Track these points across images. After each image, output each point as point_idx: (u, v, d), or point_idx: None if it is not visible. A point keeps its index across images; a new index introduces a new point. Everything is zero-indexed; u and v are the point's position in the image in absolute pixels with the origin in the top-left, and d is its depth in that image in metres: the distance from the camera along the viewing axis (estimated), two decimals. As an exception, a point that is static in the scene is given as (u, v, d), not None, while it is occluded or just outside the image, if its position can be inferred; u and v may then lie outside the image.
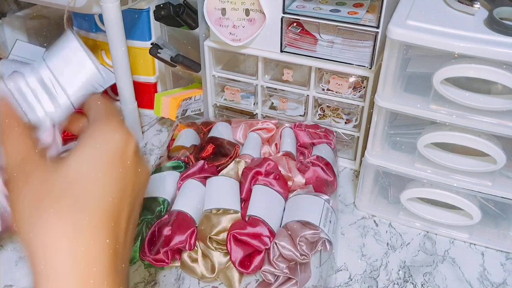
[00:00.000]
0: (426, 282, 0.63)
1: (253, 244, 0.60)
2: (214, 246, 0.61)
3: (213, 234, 0.61)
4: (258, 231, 0.61)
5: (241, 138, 0.79)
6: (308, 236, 0.60)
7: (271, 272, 0.59)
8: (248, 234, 0.60)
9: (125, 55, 0.77)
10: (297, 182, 0.70)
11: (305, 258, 0.59)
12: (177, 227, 0.62)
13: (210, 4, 0.71)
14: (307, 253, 0.59)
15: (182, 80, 0.92)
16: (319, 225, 0.61)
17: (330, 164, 0.72)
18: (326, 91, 0.75)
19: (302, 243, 0.60)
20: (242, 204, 0.66)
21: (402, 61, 0.59)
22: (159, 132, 0.92)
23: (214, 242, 0.61)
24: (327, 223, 0.62)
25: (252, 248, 0.60)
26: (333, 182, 0.72)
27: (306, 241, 0.60)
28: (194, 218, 0.64)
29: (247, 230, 0.60)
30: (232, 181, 0.68)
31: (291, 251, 0.59)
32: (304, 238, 0.60)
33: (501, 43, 0.53)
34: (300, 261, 0.59)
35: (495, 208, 0.65)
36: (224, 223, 0.62)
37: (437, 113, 0.59)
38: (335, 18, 0.67)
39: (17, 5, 1.04)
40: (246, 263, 0.60)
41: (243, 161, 0.71)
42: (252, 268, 0.60)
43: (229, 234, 0.60)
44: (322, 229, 0.61)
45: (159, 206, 0.66)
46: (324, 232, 0.61)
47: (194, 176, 0.70)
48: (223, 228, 0.62)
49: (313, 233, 0.60)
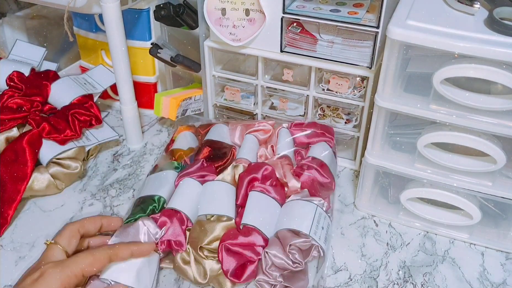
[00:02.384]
0: (426, 282, 0.63)
1: (245, 254, 0.60)
2: (206, 255, 0.61)
3: (205, 244, 0.61)
4: (251, 241, 0.60)
5: (238, 140, 0.78)
6: (299, 244, 0.60)
7: (266, 281, 0.58)
8: (240, 245, 0.60)
9: (125, 55, 0.77)
10: (292, 187, 0.69)
11: (298, 266, 0.59)
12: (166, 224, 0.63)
13: (210, 4, 0.71)
14: (300, 261, 0.59)
15: (182, 80, 0.92)
16: (310, 233, 0.60)
17: (326, 165, 0.71)
18: (326, 91, 0.75)
19: (293, 251, 0.59)
20: (238, 209, 0.66)
21: (402, 61, 0.59)
22: (159, 132, 0.92)
23: (206, 250, 0.61)
24: (318, 230, 0.61)
25: (244, 258, 0.60)
26: (330, 184, 0.71)
27: (298, 249, 0.60)
28: (189, 216, 0.64)
29: (239, 240, 0.60)
30: (228, 186, 0.68)
31: (282, 259, 0.58)
32: (295, 246, 0.60)
33: (501, 43, 0.53)
34: (293, 269, 0.59)
35: (495, 208, 0.65)
36: (216, 231, 0.62)
37: (437, 113, 0.59)
38: (335, 18, 0.67)
39: (17, 5, 1.04)
40: (238, 272, 0.60)
41: (241, 166, 0.70)
42: (244, 278, 0.59)
43: (221, 244, 0.60)
44: (313, 237, 0.60)
45: (153, 204, 0.66)
46: (315, 239, 0.60)
47: (192, 175, 0.70)
48: (215, 237, 0.61)
49: (303, 241, 0.60)
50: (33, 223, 0.71)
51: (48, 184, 0.74)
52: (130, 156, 0.86)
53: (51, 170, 0.75)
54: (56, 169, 0.75)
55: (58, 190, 0.76)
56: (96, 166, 0.83)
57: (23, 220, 0.72)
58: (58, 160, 0.76)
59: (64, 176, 0.76)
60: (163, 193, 0.68)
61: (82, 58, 0.98)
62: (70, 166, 0.77)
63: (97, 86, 0.87)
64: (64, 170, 0.76)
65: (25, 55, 0.93)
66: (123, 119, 0.85)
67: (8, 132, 0.76)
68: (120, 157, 0.85)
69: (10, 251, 0.67)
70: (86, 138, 0.81)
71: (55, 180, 0.75)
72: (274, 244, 0.60)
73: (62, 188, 0.77)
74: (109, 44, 0.76)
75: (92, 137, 0.82)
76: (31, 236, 0.69)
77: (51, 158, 0.75)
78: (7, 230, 0.70)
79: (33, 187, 0.73)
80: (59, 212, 0.73)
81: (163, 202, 0.67)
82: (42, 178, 0.74)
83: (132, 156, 0.86)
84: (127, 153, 0.86)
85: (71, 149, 0.77)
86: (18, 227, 0.71)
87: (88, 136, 0.82)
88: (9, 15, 1.03)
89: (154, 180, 0.71)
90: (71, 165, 0.77)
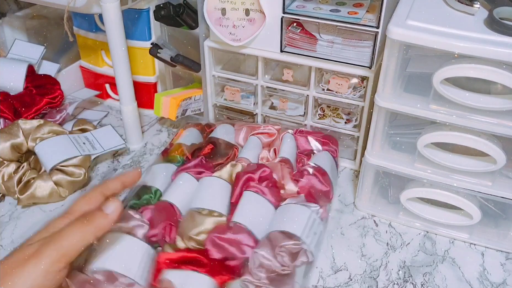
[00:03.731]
0: (426, 282, 0.63)
1: (229, 250, 0.59)
2: (192, 245, 0.61)
3: (194, 234, 0.60)
4: (239, 238, 0.60)
5: (242, 141, 0.79)
6: (288, 246, 0.59)
7: (251, 282, 0.57)
8: (227, 240, 0.59)
9: (125, 55, 0.77)
10: (289, 191, 0.68)
11: (285, 269, 0.58)
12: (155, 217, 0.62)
13: (210, 4, 0.71)
14: (288, 264, 0.58)
15: (182, 80, 0.92)
16: (302, 236, 0.59)
17: (326, 174, 0.70)
18: (326, 91, 0.75)
19: (283, 253, 0.58)
20: (232, 208, 0.65)
21: (402, 61, 0.59)
22: (159, 132, 0.92)
23: (193, 241, 0.61)
24: (310, 235, 0.61)
25: (228, 253, 0.59)
26: (328, 192, 0.70)
27: (288, 252, 0.59)
28: (180, 210, 0.64)
29: (227, 235, 0.60)
30: (223, 183, 0.68)
31: (270, 261, 0.58)
32: (284, 248, 0.59)
33: (501, 43, 0.53)
34: (280, 272, 0.58)
35: (495, 208, 0.65)
36: (206, 224, 0.61)
37: (437, 113, 0.59)
38: (335, 18, 0.67)
39: (17, 5, 1.04)
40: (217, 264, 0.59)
41: (240, 165, 0.70)
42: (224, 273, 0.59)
43: (209, 236, 0.60)
44: (304, 240, 0.59)
45: (149, 194, 0.67)
46: (306, 243, 0.59)
47: (189, 170, 0.70)
48: (205, 229, 0.61)
49: (294, 244, 0.59)
50: (33, 223, 0.71)
51: (51, 191, 0.74)
52: (130, 156, 0.86)
53: (55, 177, 0.74)
54: (60, 177, 0.75)
55: (61, 198, 0.75)
56: (96, 166, 0.83)
57: (23, 220, 0.72)
58: (62, 167, 0.75)
59: (68, 183, 0.75)
60: (160, 186, 0.68)
61: (82, 58, 0.98)
62: (74, 173, 0.76)
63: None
64: (68, 178, 0.75)
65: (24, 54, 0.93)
66: (123, 119, 0.85)
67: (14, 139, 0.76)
68: (120, 157, 0.85)
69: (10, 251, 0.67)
70: (92, 147, 0.80)
71: (58, 188, 0.74)
72: (264, 245, 0.59)
73: (66, 195, 0.76)
74: (109, 44, 0.76)
75: (99, 145, 0.81)
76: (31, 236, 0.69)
77: (55, 164, 0.74)
78: (7, 230, 0.70)
79: (35, 195, 0.73)
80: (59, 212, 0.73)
81: (159, 195, 0.67)
82: (45, 185, 0.73)
83: (132, 156, 0.86)
84: (127, 153, 0.86)
85: (76, 157, 0.76)
86: (18, 227, 0.71)
87: (95, 145, 0.81)
88: (9, 15, 1.03)
89: (153, 171, 0.72)
90: (75, 172, 0.76)
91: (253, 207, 0.64)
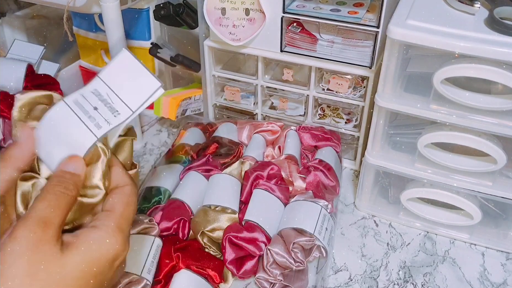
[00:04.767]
0: (426, 283, 0.63)
1: (248, 248, 0.60)
2: (205, 242, 0.61)
3: (208, 230, 0.61)
4: (255, 236, 0.61)
5: (246, 139, 0.79)
6: (302, 243, 0.60)
7: (266, 279, 0.58)
8: (244, 239, 0.60)
9: (124, 55, 0.77)
10: (297, 187, 0.70)
11: (299, 265, 0.59)
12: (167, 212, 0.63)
13: (210, 4, 0.71)
14: (302, 260, 0.59)
15: (182, 80, 0.92)
16: (314, 232, 0.60)
17: (332, 169, 0.72)
18: (326, 91, 0.75)
19: (296, 250, 0.59)
20: (241, 206, 0.66)
21: (402, 61, 0.59)
22: (159, 132, 0.92)
23: (207, 237, 0.61)
24: (322, 230, 0.62)
25: (246, 251, 0.60)
26: (335, 187, 0.71)
27: (301, 248, 0.60)
28: (191, 208, 0.65)
29: (244, 234, 0.60)
30: (234, 181, 0.68)
31: (284, 257, 0.58)
32: (298, 245, 0.60)
33: (501, 43, 0.53)
34: (294, 268, 0.59)
35: (495, 208, 0.65)
36: (220, 221, 0.62)
37: (437, 113, 0.59)
38: (335, 17, 0.67)
39: (17, 5, 1.04)
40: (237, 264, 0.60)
41: (248, 162, 0.71)
42: (242, 271, 0.59)
43: (225, 236, 0.60)
44: (317, 236, 0.60)
45: (158, 196, 0.67)
46: (319, 239, 0.60)
47: (197, 168, 0.70)
48: (219, 226, 0.62)
49: (307, 240, 0.60)
50: None
51: None
52: (130, 156, 0.85)
53: None
54: None
55: None
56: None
57: None
58: None
59: None
60: (168, 186, 0.69)
61: (81, 58, 0.98)
62: None
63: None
64: None
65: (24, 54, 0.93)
66: None
67: None
68: (120, 157, 0.85)
69: (10, 251, 0.67)
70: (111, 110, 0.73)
71: None
72: (277, 242, 0.60)
73: None
74: (109, 44, 0.76)
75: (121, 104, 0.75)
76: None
77: None
78: (6, 230, 0.70)
79: None
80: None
81: (169, 195, 0.68)
82: None
83: (132, 156, 0.86)
84: (127, 153, 0.86)
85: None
86: (18, 227, 0.71)
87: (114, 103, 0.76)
88: (9, 15, 1.02)
89: (160, 172, 0.72)
90: None
91: (263, 205, 0.65)
